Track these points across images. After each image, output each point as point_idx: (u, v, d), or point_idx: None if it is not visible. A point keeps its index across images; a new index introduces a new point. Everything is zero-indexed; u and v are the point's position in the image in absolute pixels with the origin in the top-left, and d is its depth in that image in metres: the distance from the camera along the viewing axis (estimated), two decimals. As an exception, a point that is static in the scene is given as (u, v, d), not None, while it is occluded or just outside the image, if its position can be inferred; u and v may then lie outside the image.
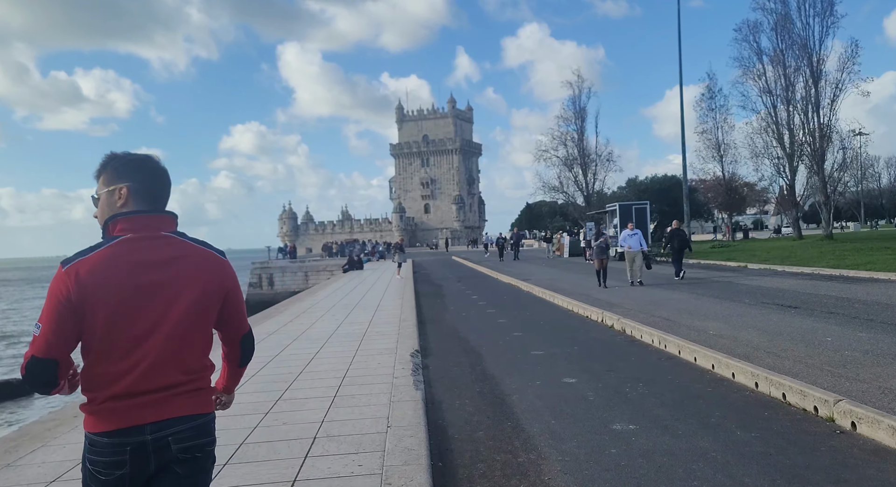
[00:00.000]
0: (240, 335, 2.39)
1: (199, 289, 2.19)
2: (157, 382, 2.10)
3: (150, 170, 2.26)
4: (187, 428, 2.14)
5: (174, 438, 2.11)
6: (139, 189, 2.22)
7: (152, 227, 2.20)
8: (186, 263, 2.20)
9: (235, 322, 2.36)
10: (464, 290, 21.52)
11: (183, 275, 2.17)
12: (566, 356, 8.98)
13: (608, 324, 11.67)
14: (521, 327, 12.13)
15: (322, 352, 9.68)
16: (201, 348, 2.22)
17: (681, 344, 8.53)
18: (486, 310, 15.27)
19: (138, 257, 2.12)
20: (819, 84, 37.03)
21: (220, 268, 2.27)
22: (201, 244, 2.30)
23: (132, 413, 2.07)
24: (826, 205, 37.54)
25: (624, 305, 13.85)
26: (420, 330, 12.10)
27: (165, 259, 2.16)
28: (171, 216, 2.28)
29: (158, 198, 2.26)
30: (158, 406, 2.10)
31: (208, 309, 2.23)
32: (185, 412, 2.15)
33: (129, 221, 2.17)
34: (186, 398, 2.16)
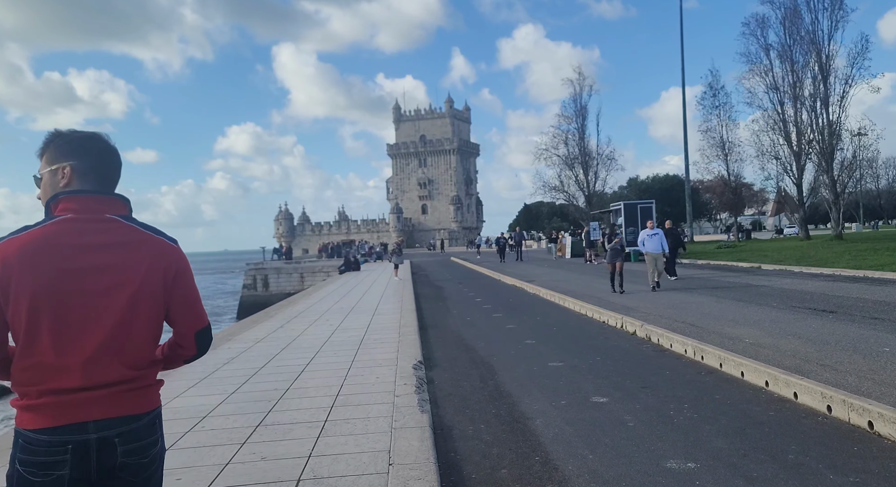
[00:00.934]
0: (193, 330, 2.15)
1: (140, 278, 2.00)
2: (101, 377, 1.93)
3: (97, 149, 2.09)
4: (135, 428, 1.98)
5: (121, 439, 1.95)
6: (84, 168, 2.05)
7: (96, 209, 2.01)
8: (129, 249, 2.01)
9: (188, 315, 2.14)
10: (466, 292, 20.47)
11: (123, 262, 1.99)
12: (589, 368, 7.93)
13: (629, 331, 10.62)
14: (533, 333, 11.09)
15: (314, 364, 8.62)
16: (148, 341, 2.05)
17: (722, 356, 7.48)
18: (491, 314, 14.23)
19: (75, 240, 1.95)
20: (828, 80, 36.06)
21: (165, 255, 2.07)
22: (151, 230, 2.09)
23: (75, 409, 1.90)
24: (835, 204, 36.57)
25: (640, 309, 12.81)
26: (422, 337, 11.06)
27: (105, 243, 1.98)
28: (120, 199, 2.09)
29: (105, 179, 2.09)
30: (104, 404, 1.93)
31: (152, 299, 2.03)
32: (134, 411, 1.99)
33: (71, 201, 2.00)
34: (134, 395, 2.00)
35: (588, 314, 13.11)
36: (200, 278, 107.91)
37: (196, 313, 2.16)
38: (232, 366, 8.66)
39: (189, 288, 2.15)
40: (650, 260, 16.56)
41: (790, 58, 38.14)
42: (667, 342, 9.05)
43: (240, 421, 5.82)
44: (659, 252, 16.50)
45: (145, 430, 2.02)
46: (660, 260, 16.60)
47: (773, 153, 40.19)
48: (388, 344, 10.10)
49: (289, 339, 11.06)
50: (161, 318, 2.10)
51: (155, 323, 2.07)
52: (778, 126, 39.47)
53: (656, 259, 16.52)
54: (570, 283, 20.65)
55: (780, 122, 39.41)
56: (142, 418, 2.02)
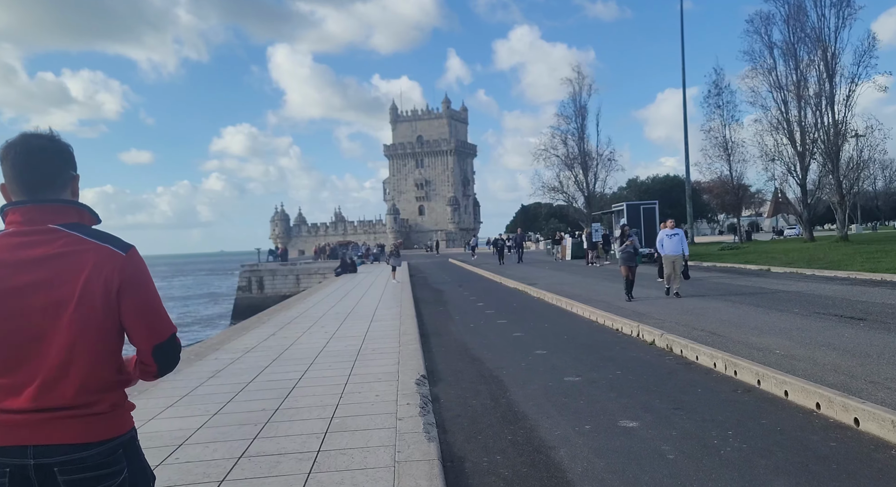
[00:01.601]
0: (150, 344, 1.92)
1: (78, 292, 1.81)
2: (49, 401, 1.80)
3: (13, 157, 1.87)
4: (76, 459, 1.80)
5: (62, 468, 1.79)
6: (9, 180, 1.90)
7: (38, 220, 1.86)
8: (67, 261, 1.83)
9: (141, 329, 1.91)
10: (467, 296, 19.72)
11: (60, 275, 1.82)
12: (610, 384, 7.19)
13: (647, 340, 9.89)
14: (543, 342, 10.35)
15: (307, 378, 7.87)
16: (100, 361, 1.86)
17: (760, 372, 6.74)
18: (496, 321, 13.49)
19: (12, 255, 1.82)
20: (834, 78, 35.41)
21: (107, 263, 1.85)
22: (98, 237, 1.89)
23: (17, 431, 1.79)
24: (841, 205, 35.91)
25: (654, 316, 12.08)
26: (424, 347, 10.31)
27: (43, 256, 1.83)
28: (67, 206, 1.91)
29: (35, 186, 1.88)
30: (42, 429, 1.79)
31: (95, 313, 1.83)
32: (74, 439, 1.80)
33: (14, 213, 1.88)
34: (84, 422, 1.82)
35: (599, 320, 12.37)
36: (194, 279, 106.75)
37: (151, 326, 1.93)
38: (217, 381, 7.89)
39: (141, 299, 1.92)
40: (668, 262, 15.04)
41: (794, 56, 37.51)
42: (691, 353, 8.32)
43: (220, 451, 5.07)
44: (678, 253, 14.92)
45: (98, 460, 1.83)
46: (678, 262, 14.96)
47: (777, 153, 39.55)
48: (387, 354, 9.35)
49: (281, 349, 10.30)
50: (114, 333, 1.90)
51: (106, 340, 1.88)
52: (782, 126, 38.82)
53: (675, 261, 14.90)
54: (574, 286, 19.92)
55: (784, 122, 38.77)
56: (91, 447, 1.82)
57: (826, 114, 35.98)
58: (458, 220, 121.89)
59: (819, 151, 36.32)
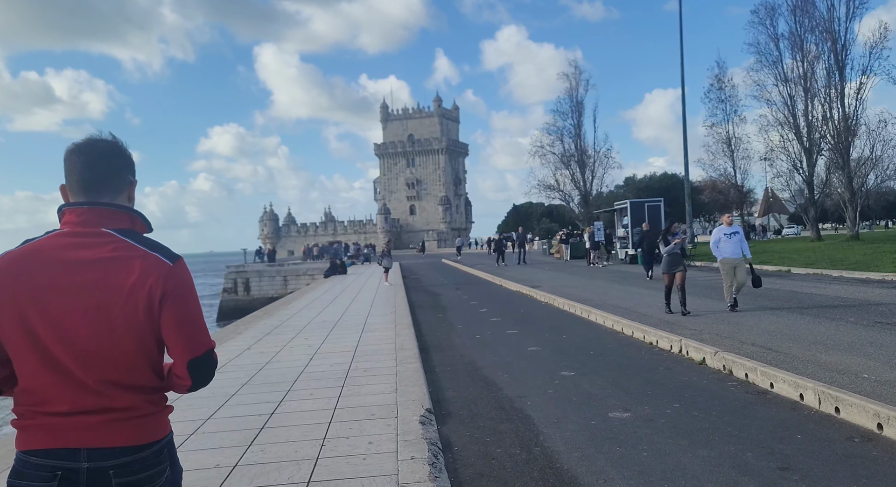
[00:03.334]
0: (185, 358, 1.88)
1: (123, 298, 1.81)
2: (93, 403, 1.79)
3: (76, 157, 1.91)
4: (132, 460, 1.80)
5: (117, 471, 1.78)
6: (71, 184, 1.92)
7: (93, 222, 1.87)
8: (115, 266, 1.83)
9: (179, 342, 1.88)
10: (467, 301, 18.06)
11: (107, 280, 1.82)
12: (673, 424, 5.56)
13: (694, 359, 8.26)
14: (566, 359, 8.72)
15: (280, 413, 6.19)
16: (141, 367, 1.86)
17: (878, 411, 5.10)
18: (504, 330, 11.84)
19: (62, 255, 1.82)
20: (844, 71, 34.02)
21: (153, 272, 1.84)
22: (147, 245, 1.90)
23: (65, 433, 1.77)
24: (851, 203, 34.50)
25: (686, 325, 10.49)
26: (425, 364, 8.67)
27: (91, 259, 1.83)
28: (122, 211, 1.92)
29: (94, 187, 1.90)
30: (96, 431, 1.78)
31: (138, 321, 1.83)
32: (130, 442, 1.81)
33: (71, 213, 1.90)
34: (134, 425, 1.83)
35: (626, 331, 10.74)
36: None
37: (189, 340, 1.89)
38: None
39: (182, 311, 1.88)
40: (727, 268, 11.94)
41: (801, 47, 36.11)
42: (762, 379, 6.67)
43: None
44: (739, 256, 11.93)
45: (148, 461, 1.85)
46: (741, 268, 11.84)
47: (783, 149, 38.17)
48: (382, 377, 7.69)
49: (254, 368, 8.61)
50: (155, 342, 1.89)
51: (147, 348, 1.88)
52: (788, 120, 37.44)
53: (736, 267, 11.86)
54: (582, 289, 18.32)
55: (790, 117, 37.38)
56: (144, 449, 1.84)
57: (836, 107, 34.58)
58: (449, 220, 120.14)
59: (828, 146, 34.91)
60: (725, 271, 12.02)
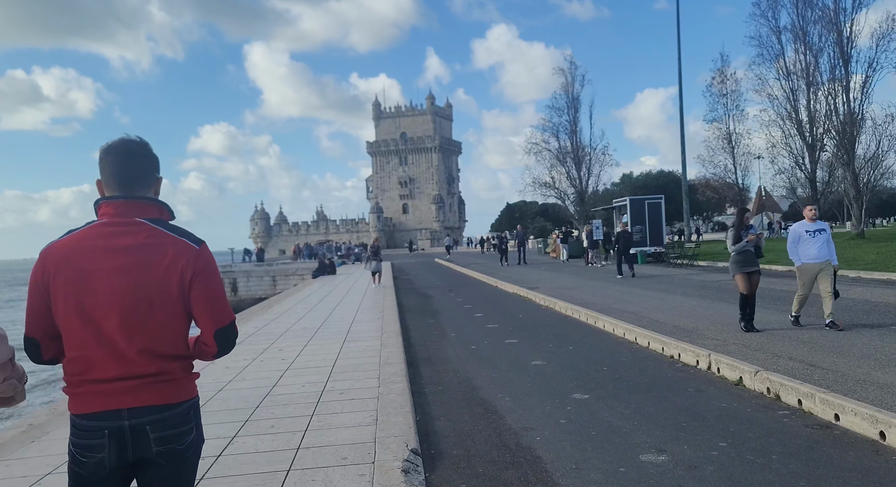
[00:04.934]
0: (213, 328, 2.19)
1: (158, 278, 2.11)
2: (133, 369, 2.08)
3: (112, 157, 2.20)
4: (164, 417, 2.10)
5: (152, 426, 2.07)
6: (107, 180, 2.20)
7: (126, 213, 2.16)
8: (149, 251, 2.12)
9: (207, 314, 2.18)
10: (461, 304, 16.83)
11: (143, 263, 2.11)
12: (727, 474, 4.34)
13: (729, 378, 7.04)
14: (577, 377, 7.51)
15: (227, 456, 4.95)
16: (173, 337, 2.15)
17: None
18: (502, 339, 10.63)
19: (104, 242, 2.11)
20: (849, 64, 32.93)
21: (183, 255, 2.15)
22: (175, 232, 2.21)
23: (110, 397, 2.06)
24: (857, 200, 33.43)
25: (706, 333, 9.33)
26: (413, 383, 7.45)
27: (129, 245, 2.12)
28: (153, 203, 2.23)
29: (128, 183, 2.20)
30: (136, 393, 2.07)
31: (171, 298, 2.13)
32: (162, 401, 2.10)
33: (107, 206, 2.18)
34: (165, 386, 2.12)
35: (640, 341, 9.53)
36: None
37: (215, 312, 2.18)
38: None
39: (209, 288, 2.18)
40: (808, 274, 9.26)
41: (804, 40, 35.01)
42: (823, 408, 5.46)
43: None
44: (824, 260, 9.20)
45: (179, 419, 2.13)
46: (825, 274, 9.20)
47: (784, 145, 37.09)
48: (361, 401, 6.46)
49: (212, 389, 7.36)
50: (186, 316, 2.17)
51: (179, 321, 2.15)
52: (790, 115, 36.35)
53: (819, 273, 9.19)
54: (582, 291, 17.14)
55: (793, 111, 36.30)
56: (174, 407, 2.13)
57: (841, 101, 33.49)
58: (442, 219, 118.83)
59: (833, 142, 33.83)
60: (805, 279, 9.33)
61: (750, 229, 9.46)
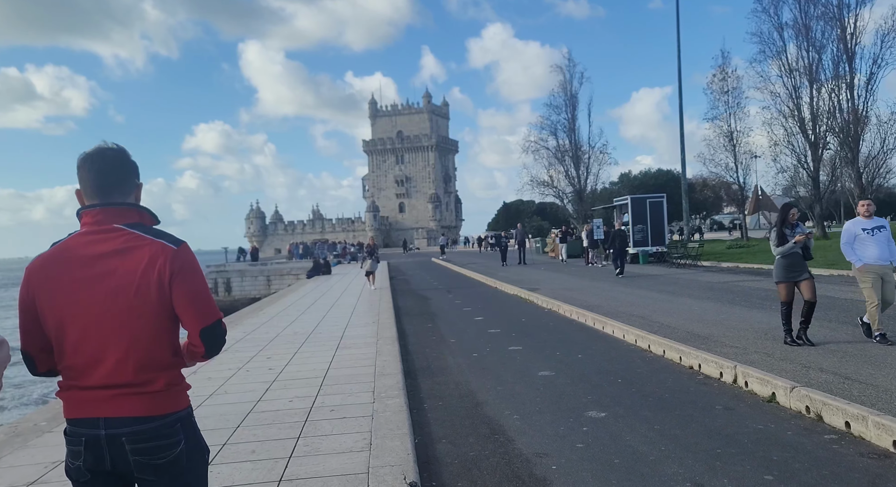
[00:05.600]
0: (198, 328, 2.14)
1: (136, 282, 2.08)
2: (115, 378, 2.05)
3: (88, 165, 2.18)
4: (142, 429, 2.04)
5: (128, 438, 2.03)
6: (85, 189, 2.19)
7: (105, 220, 2.14)
8: (127, 255, 2.10)
9: (190, 314, 2.13)
10: (460, 306, 16.18)
11: (121, 269, 2.08)
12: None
13: (760, 394, 6.40)
14: (590, 390, 6.87)
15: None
16: (157, 343, 2.11)
17: None
18: (505, 345, 9.99)
19: (85, 250, 2.10)
20: (853, 61, 32.39)
21: (160, 256, 2.11)
22: (153, 234, 2.16)
23: (89, 405, 2.05)
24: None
25: (725, 341, 8.73)
26: (412, 397, 6.81)
27: (108, 251, 2.10)
28: (130, 208, 2.19)
29: (106, 190, 2.17)
30: (111, 403, 2.04)
31: (151, 301, 2.08)
32: (140, 413, 2.05)
33: (86, 215, 2.16)
34: (141, 398, 2.06)
35: (655, 350, 8.88)
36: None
37: (198, 311, 2.13)
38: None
39: (190, 287, 2.13)
40: (870, 278, 8.05)
41: (807, 36, 34.46)
42: (878, 433, 4.80)
43: None
44: (887, 262, 8.07)
45: (158, 432, 2.05)
46: (889, 279, 8.10)
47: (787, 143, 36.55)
48: (353, 420, 5.81)
49: (193, 403, 6.69)
50: (169, 320, 2.13)
51: (162, 325, 2.11)
52: (793, 114, 35.80)
53: (883, 275, 8.08)
54: (585, 293, 16.52)
55: (795, 109, 35.75)
56: (153, 420, 2.05)
57: (845, 99, 32.94)
58: (439, 218, 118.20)
59: (837, 140, 33.28)
60: (867, 283, 8.03)
61: (796, 228, 8.29)
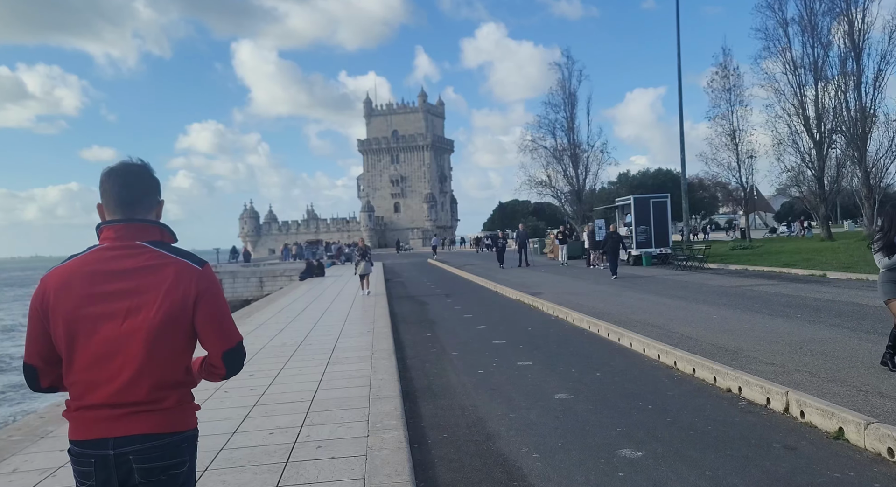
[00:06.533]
0: (220, 350, 2.14)
1: (159, 301, 2.05)
2: (125, 396, 2.02)
3: (113, 180, 2.16)
4: (149, 448, 2.02)
5: (135, 457, 2.01)
6: (108, 203, 2.16)
7: (127, 236, 2.13)
8: (151, 274, 2.08)
9: (213, 336, 2.13)
10: (460, 313, 15.23)
11: (145, 286, 2.06)
12: None
13: (823, 428, 5.46)
14: (617, 420, 5.94)
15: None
16: (172, 362, 2.08)
17: None
18: (513, 360, 9.06)
19: (105, 266, 2.07)
20: (861, 57, 31.58)
21: (185, 277, 2.10)
22: (178, 254, 2.17)
23: (97, 425, 2.02)
24: (868, 199, 32.08)
25: (753, 354, 7.87)
26: (413, 428, 5.88)
27: (130, 268, 2.07)
28: (154, 225, 2.19)
29: (129, 205, 2.15)
30: (121, 422, 2.01)
31: (174, 321, 2.07)
32: (147, 430, 2.03)
33: (108, 230, 2.14)
34: (155, 416, 2.04)
35: (684, 368, 7.92)
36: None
37: (222, 334, 2.14)
38: None
39: (214, 309, 2.13)
40: None
41: (813, 32, 33.65)
42: None
43: None
44: None
45: (166, 451, 2.03)
46: None
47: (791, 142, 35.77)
48: (344, 461, 4.88)
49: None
50: (187, 340, 2.11)
51: (180, 345, 2.09)
52: (798, 111, 35.01)
53: None
54: (591, 298, 15.63)
55: (800, 107, 34.96)
56: (162, 438, 2.03)
57: (852, 96, 32.14)
58: (434, 218, 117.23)
59: (845, 138, 32.46)
60: None
61: None
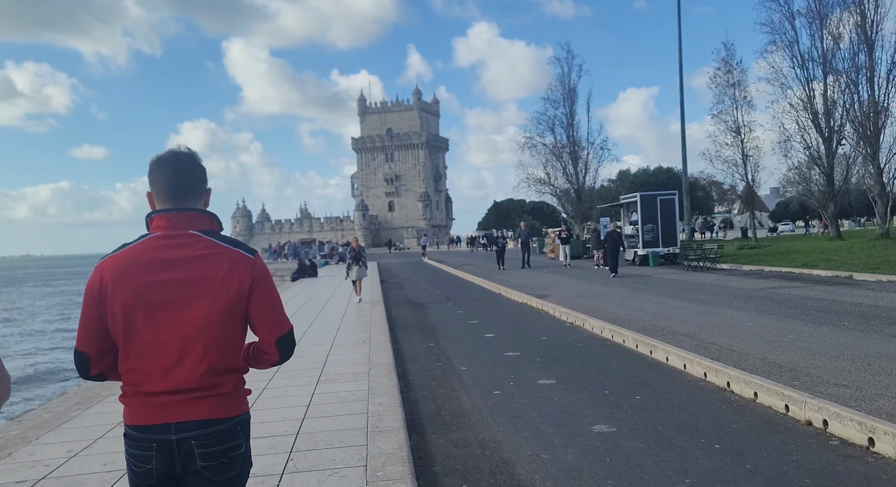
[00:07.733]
0: (274, 337, 2.19)
1: (216, 289, 2.09)
2: (184, 382, 2.05)
3: (163, 169, 2.19)
4: (209, 432, 2.06)
5: (197, 442, 2.05)
6: (159, 192, 2.19)
7: (180, 225, 2.15)
8: (207, 262, 2.11)
9: (267, 323, 2.18)
10: (464, 318, 13.98)
11: (201, 274, 2.09)
12: None
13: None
14: (680, 465, 4.73)
15: None
16: (227, 349, 2.12)
17: None
18: (534, 378, 7.84)
19: (160, 254, 2.09)
20: (874, 50, 30.52)
21: (240, 267, 2.13)
22: (230, 243, 2.20)
23: (160, 411, 2.04)
24: (881, 197, 31.02)
25: (816, 373, 6.65)
26: (422, 474, 4.65)
27: (186, 257, 2.10)
28: (205, 215, 2.22)
29: (181, 194, 2.19)
30: (182, 408, 2.05)
31: (229, 309, 2.10)
32: (209, 415, 2.07)
33: (160, 219, 2.17)
34: (214, 401, 2.09)
35: (741, 391, 6.67)
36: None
37: (275, 321, 2.19)
38: None
39: (267, 297, 2.17)
40: None
41: (822, 25, 32.57)
42: None
43: None
44: None
45: (226, 434, 2.08)
46: None
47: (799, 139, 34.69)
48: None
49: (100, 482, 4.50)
50: (241, 327, 2.15)
51: (235, 332, 2.13)
52: (806, 106, 33.93)
53: None
54: (604, 301, 14.45)
55: (808, 102, 33.87)
56: (222, 422, 2.08)
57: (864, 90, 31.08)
58: (429, 217, 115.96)
59: (856, 134, 31.39)
60: None
61: None
